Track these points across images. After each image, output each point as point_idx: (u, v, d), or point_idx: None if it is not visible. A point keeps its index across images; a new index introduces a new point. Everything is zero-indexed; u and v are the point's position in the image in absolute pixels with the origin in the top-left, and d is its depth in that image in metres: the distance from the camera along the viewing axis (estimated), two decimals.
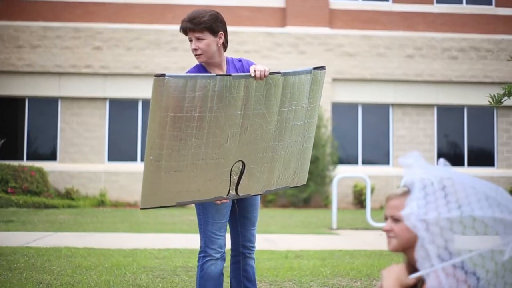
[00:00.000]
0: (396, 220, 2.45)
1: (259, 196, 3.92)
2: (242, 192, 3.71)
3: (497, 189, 2.33)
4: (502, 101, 3.48)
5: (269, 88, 3.56)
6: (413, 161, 2.37)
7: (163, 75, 3.21)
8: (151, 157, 3.32)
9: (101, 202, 16.94)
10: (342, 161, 18.45)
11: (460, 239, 2.26)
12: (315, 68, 3.79)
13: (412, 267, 2.48)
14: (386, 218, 2.50)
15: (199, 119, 3.36)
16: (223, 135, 3.47)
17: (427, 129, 18.97)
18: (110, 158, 18.18)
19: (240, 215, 3.95)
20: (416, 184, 2.31)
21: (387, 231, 2.46)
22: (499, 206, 2.25)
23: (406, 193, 2.46)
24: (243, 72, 3.77)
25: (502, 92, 3.48)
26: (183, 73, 3.34)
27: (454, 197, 2.26)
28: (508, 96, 3.47)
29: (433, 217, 2.23)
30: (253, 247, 4.00)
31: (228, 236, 3.97)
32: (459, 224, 2.24)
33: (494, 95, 3.41)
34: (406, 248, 2.45)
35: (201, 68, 3.76)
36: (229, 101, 3.43)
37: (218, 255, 3.73)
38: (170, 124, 3.29)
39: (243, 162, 3.63)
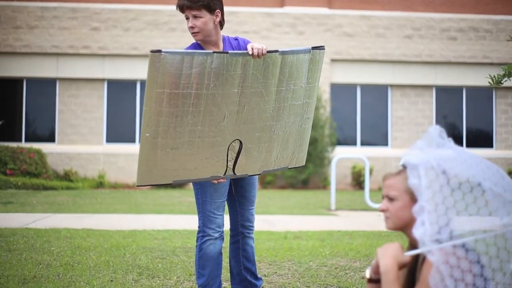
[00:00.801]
0: (391, 199, 2.44)
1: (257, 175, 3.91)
2: (239, 172, 3.69)
3: (497, 171, 2.30)
4: (502, 82, 3.45)
5: (267, 67, 3.54)
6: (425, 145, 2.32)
7: (159, 51, 3.19)
8: (147, 134, 3.31)
9: (100, 184, 16.95)
10: (340, 142, 18.44)
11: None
12: (314, 48, 3.76)
13: (412, 246, 2.47)
14: (383, 198, 2.49)
15: (195, 96, 3.33)
16: (220, 113, 3.45)
17: (426, 110, 18.95)
18: (109, 140, 18.16)
19: (239, 194, 3.94)
20: (422, 180, 2.24)
21: (383, 211, 2.46)
22: (504, 206, 2.22)
23: (402, 171, 2.45)
24: (240, 50, 3.74)
25: (502, 73, 3.45)
26: (180, 50, 3.31)
27: (463, 204, 2.22)
28: (508, 77, 3.44)
29: (446, 237, 2.19)
30: (252, 226, 4.00)
31: (227, 218, 3.97)
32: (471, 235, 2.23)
33: (494, 76, 3.38)
34: (403, 227, 2.44)
35: (197, 46, 3.73)
36: (226, 79, 3.40)
37: (216, 235, 3.72)
38: (167, 101, 3.27)
39: (240, 141, 3.62)
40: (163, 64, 3.20)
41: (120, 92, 18.24)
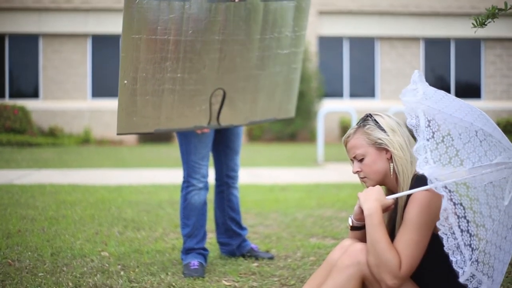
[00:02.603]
0: (360, 159, 2.42)
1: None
2: (224, 122, 3.63)
3: (481, 113, 2.27)
4: (486, 23, 3.35)
5: (248, 13, 3.44)
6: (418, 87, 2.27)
7: None
8: (125, 81, 3.23)
9: (85, 140, 16.85)
10: (328, 95, 18.38)
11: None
12: None
13: (392, 193, 2.45)
14: (352, 161, 2.48)
15: (173, 43, 3.25)
16: (200, 60, 3.37)
17: (413, 62, 18.86)
18: (94, 95, 17.99)
19: (223, 144, 3.89)
20: (421, 120, 2.20)
21: (358, 172, 2.44)
22: (496, 146, 2.20)
23: (357, 129, 2.43)
24: None
25: (486, 14, 3.35)
26: None
27: (460, 143, 2.18)
28: (492, 18, 3.34)
29: (451, 182, 2.15)
30: (237, 176, 3.96)
31: (211, 170, 3.92)
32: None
33: (478, 18, 3.28)
34: (383, 180, 2.42)
35: None
36: (206, 25, 3.31)
37: (201, 185, 3.68)
38: (144, 47, 3.19)
39: (223, 90, 3.55)
40: (138, 9, 3.11)
41: (104, 46, 17.99)
